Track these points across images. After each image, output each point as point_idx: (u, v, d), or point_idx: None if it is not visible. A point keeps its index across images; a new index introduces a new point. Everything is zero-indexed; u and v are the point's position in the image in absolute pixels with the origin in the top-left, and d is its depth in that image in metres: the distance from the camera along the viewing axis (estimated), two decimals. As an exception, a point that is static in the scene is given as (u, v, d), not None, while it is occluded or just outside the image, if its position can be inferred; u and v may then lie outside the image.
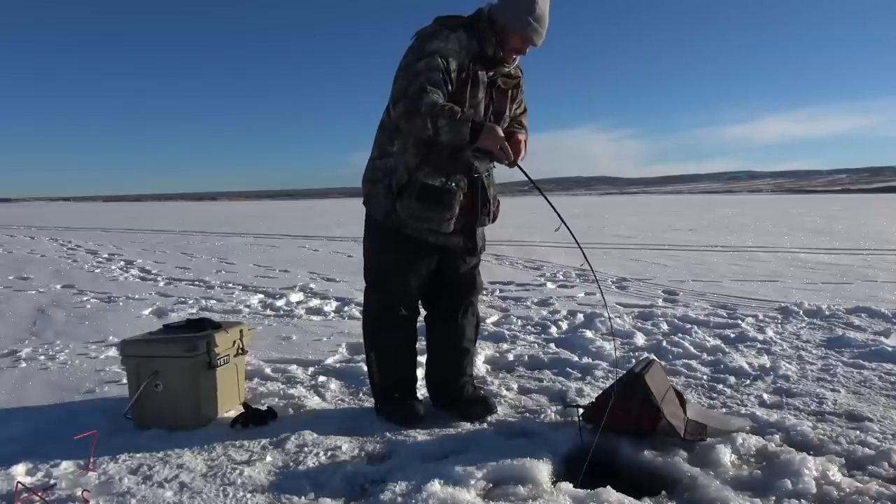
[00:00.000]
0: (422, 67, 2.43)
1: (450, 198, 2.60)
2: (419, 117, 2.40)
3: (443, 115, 2.38)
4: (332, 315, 5.22)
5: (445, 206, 2.59)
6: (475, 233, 2.79)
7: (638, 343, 4.08)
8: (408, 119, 2.44)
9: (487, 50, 2.56)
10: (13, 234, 17.15)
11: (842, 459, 2.30)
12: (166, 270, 8.31)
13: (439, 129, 2.40)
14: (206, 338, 2.71)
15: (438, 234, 2.65)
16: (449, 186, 2.60)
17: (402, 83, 2.46)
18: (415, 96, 2.40)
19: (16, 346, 4.12)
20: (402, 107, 2.44)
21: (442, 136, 2.42)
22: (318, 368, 3.57)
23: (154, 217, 30.24)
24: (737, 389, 3.14)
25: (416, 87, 2.41)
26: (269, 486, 2.15)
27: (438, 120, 2.38)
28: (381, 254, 2.74)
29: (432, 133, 2.42)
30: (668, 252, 10.12)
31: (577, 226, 18.91)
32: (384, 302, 2.76)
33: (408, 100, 2.42)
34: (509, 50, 2.57)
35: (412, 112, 2.41)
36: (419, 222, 2.59)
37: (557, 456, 2.33)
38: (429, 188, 2.56)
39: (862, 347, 3.86)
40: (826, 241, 11.93)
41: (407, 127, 2.48)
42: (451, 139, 2.43)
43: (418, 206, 2.56)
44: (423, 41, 2.51)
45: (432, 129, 2.40)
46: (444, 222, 2.61)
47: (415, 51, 2.50)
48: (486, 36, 2.55)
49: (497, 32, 2.55)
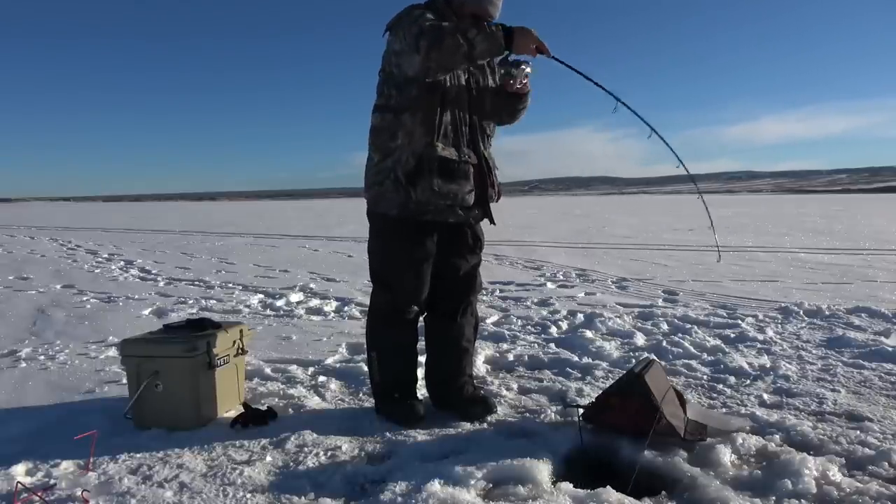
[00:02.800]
0: (418, 15, 2.46)
1: (466, 169, 2.65)
2: (448, 37, 2.36)
3: (470, 28, 2.39)
4: (332, 315, 5.22)
5: (465, 178, 2.64)
6: (489, 205, 2.81)
7: (638, 343, 4.08)
8: (439, 47, 2.37)
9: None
10: (13, 234, 17.15)
11: (842, 459, 2.30)
12: (166, 270, 8.30)
13: (472, 40, 2.37)
14: (206, 338, 2.72)
15: (460, 209, 2.68)
16: (462, 159, 2.64)
17: (411, 31, 2.42)
18: (431, 28, 2.39)
19: (16, 346, 4.12)
20: (425, 42, 2.38)
21: (477, 47, 2.39)
22: (318, 368, 3.57)
23: (154, 217, 30.23)
24: (737, 389, 3.14)
25: (426, 25, 2.40)
26: (269, 486, 2.15)
27: (469, 32, 2.37)
28: (388, 253, 2.74)
29: (467, 47, 2.38)
30: (668, 252, 10.12)
31: (578, 225, 18.97)
32: (393, 302, 2.76)
33: (427, 34, 2.38)
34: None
35: (439, 38, 2.36)
36: (443, 199, 2.60)
37: (557, 456, 2.33)
38: (448, 161, 2.59)
39: (862, 347, 3.86)
40: (826, 241, 11.93)
41: (440, 56, 2.40)
42: (488, 46, 2.41)
43: (441, 182, 2.57)
44: (401, 18, 2.52)
45: (466, 43, 2.37)
46: (466, 194, 2.66)
47: (401, 23, 2.50)
48: (447, 15, 2.59)
49: (455, 10, 2.60)
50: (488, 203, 2.80)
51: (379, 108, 2.66)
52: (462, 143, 2.66)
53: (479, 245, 2.86)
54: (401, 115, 2.57)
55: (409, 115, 2.56)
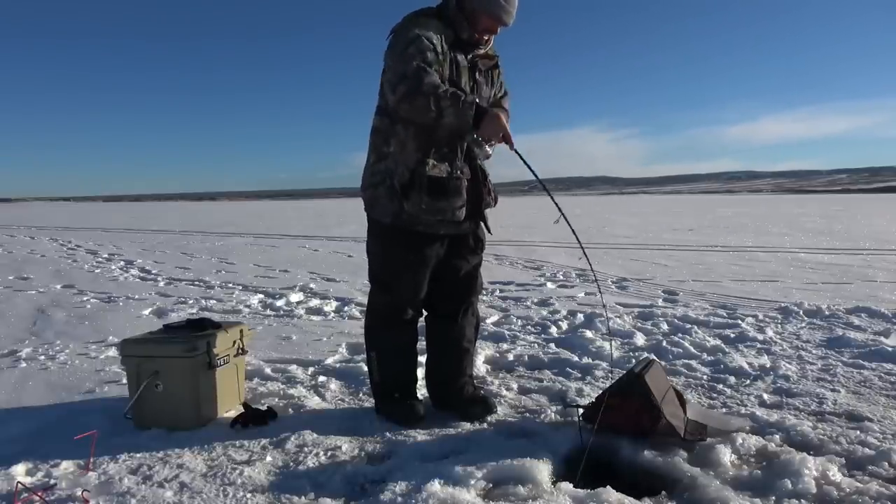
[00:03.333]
0: (413, 51, 2.43)
1: (457, 185, 2.61)
2: (421, 97, 2.36)
3: (446, 97, 2.37)
4: (332, 315, 5.22)
5: (456, 195, 2.60)
6: (484, 216, 2.80)
7: (638, 343, 4.08)
8: (410, 101, 2.39)
9: (461, 34, 2.59)
10: (13, 234, 17.15)
11: (842, 459, 2.30)
12: (166, 270, 8.31)
13: (443, 110, 2.37)
14: (206, 338, 2.72)
15: (451, 223, 2.66)
16: (455, 175, 2.61)
17: (398, 68, 2.42)
18: (414, 77, 2.38)
19: (16, 346, 4.13)
20: (402, 89, 2.39)
21: (445, 119, 2.39)
22: (318, 368, 3.57)
23: (154, 217, 30.23)
24: (737, 389, 3.14)
25: (412, 68, 2.39)
26: (269, 486, 2.15)
27: (441, 101, 2.36)
28: (387, 256, 2.74)
29: (435, 115, 2.38)
30: (668, 252, 10.12)
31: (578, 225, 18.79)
32: (391, 304, 2.76)
33: (408, 81, 2.38)
34: (481, 31, 2.60)
35: (414, 93, 2.37)
36: (432, 215, 2.58)
37: (557, 456, 2.33)
38: (436, 180, 2.55)
39: (862, 347, 3.86)
40: (826, 241, 11.93)
41: (409, 110, 2.42)
42: (455, 122, 2.41)
43: (429, 201, 2.54)
44: (402, 31, 2.51)
45: (436, 111, 2.37)
46: (456, 210, 2.62)
47: (398, 42, 2.48)
48: (458, 21, 2.58)
49: (467, 16, 2.58)
50: (482, 214, 2.78)
51: (379, 110, 2.66)
52: (457, 157, 2.62)
53: (480, 245, 2.86)
54: (395, 124, 2.58)
55: (401, 126, 2.56)
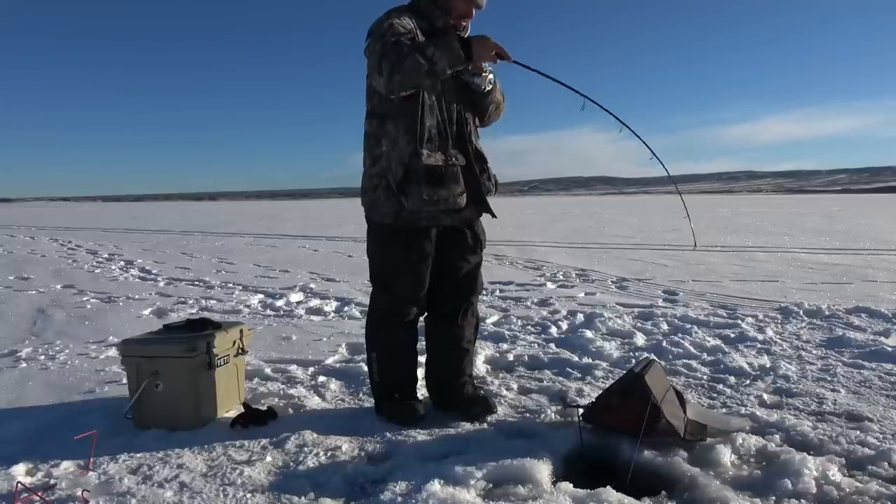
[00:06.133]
0: (386, 29, 2.45)
1: (454, 172, 2.62)
2: (408, 58, 2.36)
3: (428, 45, 2.40)
4: (332, 315, 5.22)
5: (454, 182, 2.61)
6: (486, 201, 2.79)
7: (638, 343, 4.08)
8: (399, 69, 2.38)
9: (436, 23, 2.62)
10: (13, 234, 17.16)
11: (842, 459, 2.30)
12: (166, 270, 8.31)
13: (431, 57, 2.37)
14: (206, 338, 2.72)
15: (453, 212, 2.67)
16: (450, 162, 2.62)
17: (376, 50, 2.43)
18: (393, 48, 2.39)
19: (16, 346, 4.13)
20: (387, 65, 2.39)
21: (438, 64, 2.39)
22: (318, 368, 3.57)
23: (154, 217, 30.24)
24: (737, 389, 3.14)
25: (389, 43, 2.40)
26: (269, 486, 2.15)
27: (426, 50, 2.38)
28: (387, 256, 2.74)
29: (428, 66, 2.38)
30: (668, 252, 10.12)
31: (578, 225, 18.97)
32: (393, 304, 2.76)
33: (389, 55, 2.38)
34: (457, 17, 2.64)
35: (399, 58, 2.37)
36: (434, 206, 2.58)
37: (557, 456, 2.33)
38: (433, 169, 2.56)
39: (862, 347, 3.86)
40: (826, 241, 11.92)
41: (403, 79, 2.41)
42: (448, 62, 2.41)
43: (429, 190, 2.55)
44: (377, 27, 2.52)
45: (427, 63, 2.37)
46: (457, 198, 2.63)
47: (374, 36, 2.50)
48: (431, 11, 2.62)
49: (441, 5, 2.62)
50: (484, 199, 2.79)
51: (368, 114, 2.68)
52: (449, 145, 2.63)
53: (479, 245, 2.86)
54: (385, 123, 2.59)
55: (391, 122, 2.57)
